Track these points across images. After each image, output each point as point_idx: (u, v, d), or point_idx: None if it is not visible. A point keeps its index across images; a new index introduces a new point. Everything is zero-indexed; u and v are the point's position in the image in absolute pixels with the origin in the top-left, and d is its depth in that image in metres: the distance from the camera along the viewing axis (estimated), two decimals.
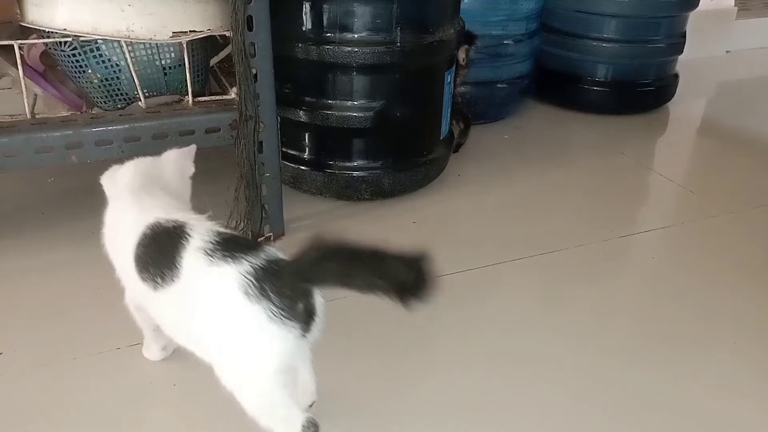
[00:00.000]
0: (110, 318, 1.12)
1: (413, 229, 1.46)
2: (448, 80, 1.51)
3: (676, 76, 2.18)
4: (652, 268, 1.38)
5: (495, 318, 1.18)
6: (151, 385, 1.01)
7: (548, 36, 2.04)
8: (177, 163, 0.99)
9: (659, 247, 1.45)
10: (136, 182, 0.92)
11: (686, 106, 2.24)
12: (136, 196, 0.90)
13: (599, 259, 1.37)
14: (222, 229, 0.83)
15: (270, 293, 0.75)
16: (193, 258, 0.79)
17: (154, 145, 1.20)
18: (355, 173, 1.48)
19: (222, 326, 0.78)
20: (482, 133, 1.89)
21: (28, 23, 1.15)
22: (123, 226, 0.89)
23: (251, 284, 0.75)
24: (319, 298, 0.80)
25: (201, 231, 0.82)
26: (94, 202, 0.95)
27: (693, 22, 2.13)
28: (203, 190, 1.52)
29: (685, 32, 2.11)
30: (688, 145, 2.05)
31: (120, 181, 0.94)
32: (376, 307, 0.83)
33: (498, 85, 1.92)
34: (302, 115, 1.43)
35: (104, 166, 0.98)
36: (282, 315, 0.75)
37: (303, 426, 0.79)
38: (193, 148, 1.03)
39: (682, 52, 2.13)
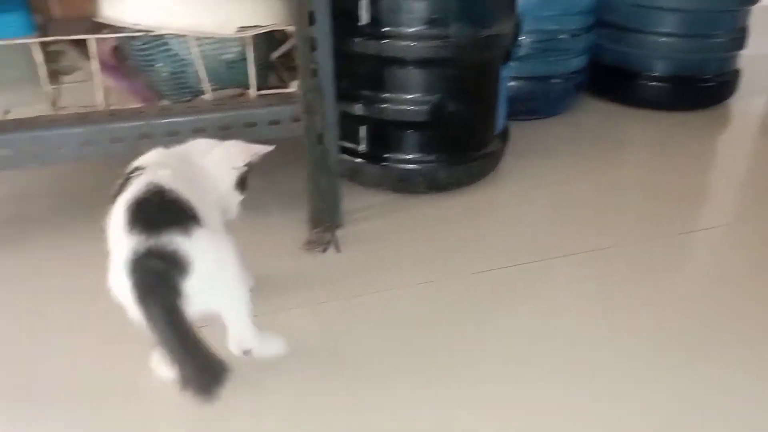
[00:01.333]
0: None
1: (468, 222, 1.46)
2: (504, 75, 1.51)
3: (738, 72, 2.12)
4: (708, 267, 1.34)
5: (543, 314, 1.18)
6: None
7: (604, 31, 2.01)
8: (228, 150, 1.05)
9: (717, 246, 1.41)
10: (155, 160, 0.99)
11: (748, 103, 2.17)
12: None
13: (653, 257, 1.35)
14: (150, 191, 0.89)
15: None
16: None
17: (219, 136, 1.23)
18: (410, 166, 1.50)
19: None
20: (536, 128, 1.88)
21: (102, 19, 1.21)
22: None
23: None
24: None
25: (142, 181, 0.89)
26: None
27: (756, 16, 2.07)
28: (265, 181, 1.58)
29: (747, 27, 2.05)
30: (749, 143, 1.98)
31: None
32: (417, 301, 0.85)
33: (552, 81, 1.90)
34: (359, 109, 1.45)
35: None
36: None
37: None
38: (262, 148, 1.08)
39: (743, 47, 2.07)
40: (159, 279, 0.83)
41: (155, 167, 0.93)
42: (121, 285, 0.85)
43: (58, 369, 1.04)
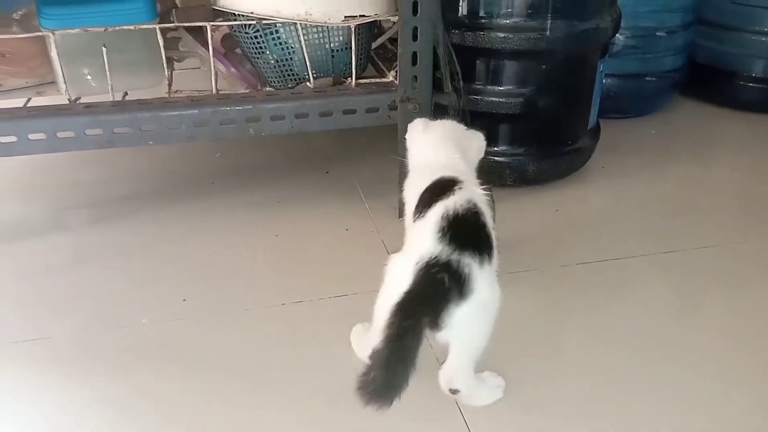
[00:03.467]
0: (276, 278, 1.24)
1: (556, 216, 1.46)
2: (601, 69, 1.50)
3: None
4: None
5: (628, 312, 1.17)
6: (314, 338, 1.10)
7: (702, 29, 1.95)
8: (475, 142, 1.12)
9: None
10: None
11: None
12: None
13: (741, 262, 1.31)
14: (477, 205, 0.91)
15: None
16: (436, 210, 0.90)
17: (320, 122, 1.30)
18: (499, 158, 1.51)
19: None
20: (629, 127, 1.85)
21: (219, 7, 1.28)
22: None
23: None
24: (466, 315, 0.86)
25: (463, 195, 0.91)
26: (258, 177, 1.04)
27: None
28: (351, 170, 1.63)
29: None
30: None
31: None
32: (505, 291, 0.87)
33: (647, 79, 1.86)
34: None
35: (258, 147, 1.06)
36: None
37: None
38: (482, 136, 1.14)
39: None
40: (437, 294, 0.84)
41: (469, 183, 0.96)
42: (399, 272, 0.87)
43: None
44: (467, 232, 0.88)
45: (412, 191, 0.99)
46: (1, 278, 1.26)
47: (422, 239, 0.88)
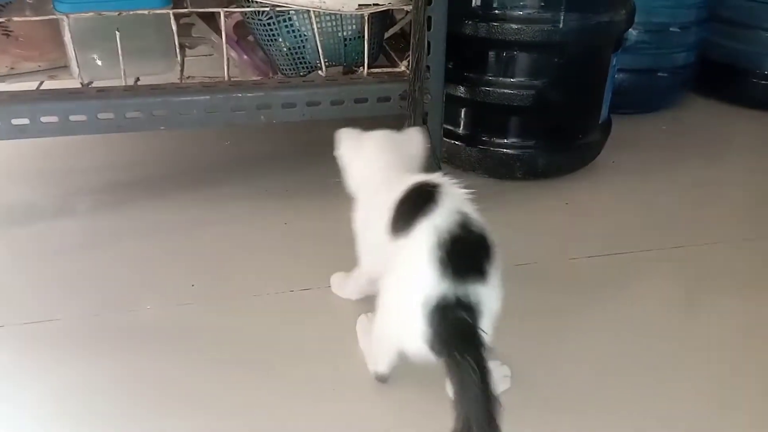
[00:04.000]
0: (283, 265, 1.25)
1: (565, 210, 1.46)
2: (614, 63, 1.49)
3: None
4: None
5: (635, 307, 1.17)
6: (321, 325, 1.10)
7: (715, 26, 1.94)
8: (413, 143, 1.06)
9: None
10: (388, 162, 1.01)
11: None
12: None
13: (750, 259, 1.31)
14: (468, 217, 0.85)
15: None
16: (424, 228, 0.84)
17: (331, 110, 1.30)
18: (509, 151, 1.51)
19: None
20: (640, 122, 1.84)
21: None
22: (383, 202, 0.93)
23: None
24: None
25: (448, 206, 0.85)
26: (267, 165, 1.04)
27: None
28: None
29: None
30: None
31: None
32: (516, 282, 0.87)
33: (658, 74, 1.86)
34: (462, 91, 1.47)
35: (268, 136, 1.05)
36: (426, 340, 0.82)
37: (376, 372, 0.95)
38: (423, 133, 1.09)
39: None
40: (467, 331, 0.80)
41: (449, 184, 0.89)
42: (411, 326, 0.82)
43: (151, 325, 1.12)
44: (468, 256, 0.83)
45: (377, 208, 0.93)
46: (12, 261, 1.27)
47: (417, 268, 0.82)
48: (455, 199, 0.86)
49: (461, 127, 1.54)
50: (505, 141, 1.51)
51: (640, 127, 1.82)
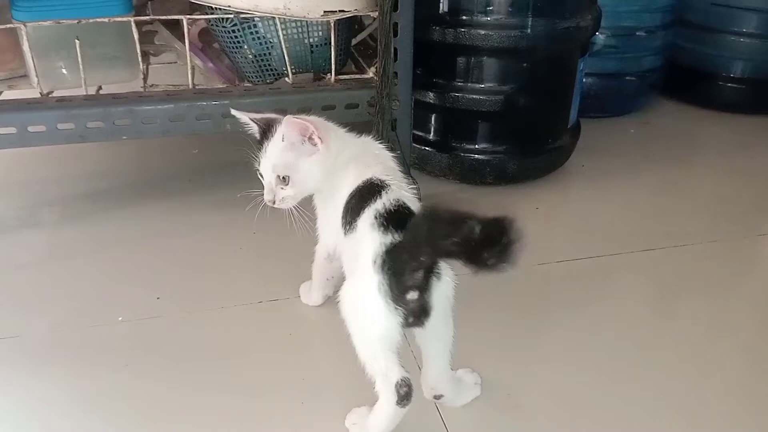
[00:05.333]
0: (252, 276, 1.23)
1: (535, 215, 1.46)
2: (581, 67, 1.50)
3: None
4: None
5: (607, 310, 1.17)
6: (289, 336, 1.09)
7: (682, 30, 1.96)
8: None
9: None
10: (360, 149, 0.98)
11: None
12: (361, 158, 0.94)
13: (719, 260, 1.32)
14: (407, 203, 0.86)
15: (389, 271, 0.80)
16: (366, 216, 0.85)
17: None
18: (479, 156, 1.50)
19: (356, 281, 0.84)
20: (608, 126, 1.85)
21: (196, 0, 1.26)
22: (346, 180, 0.92)
23: (381, 257, 0.81)
24: (443, 296, 0.83)
25: (390, 196, 0.86)
26: (236, 173, 1.03)
27: None
28: None
29: None
30: None
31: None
32: (482, 288, 0.85)
33: (626, 78, 1.88)
34: (432, 97, 1.47)
35: (237, 144, 1.04)
36: (390, 297, 0.80)
37: (397, 383, 0.84)
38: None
39: None
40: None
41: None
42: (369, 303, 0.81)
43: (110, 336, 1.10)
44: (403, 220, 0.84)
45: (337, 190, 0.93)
46: None
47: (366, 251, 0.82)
48: (398, 193, 0.87)
49: (431, 133, 1.54)
50: (476, 146, 1.51)
51: (609, 130, 1.84)
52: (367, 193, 0.87)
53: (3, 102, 1.24)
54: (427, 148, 1.54)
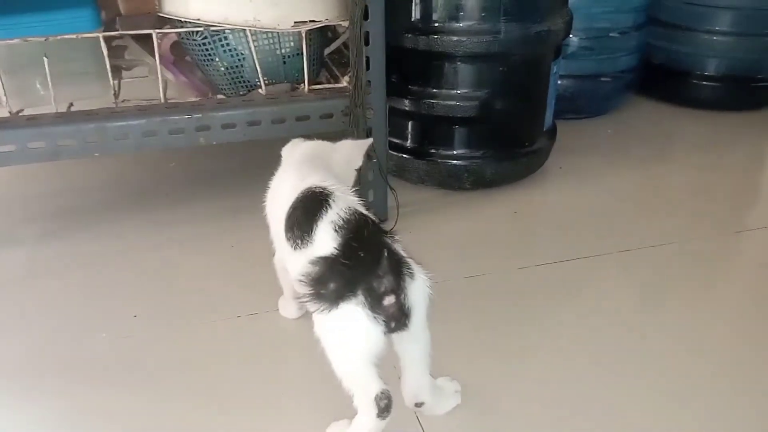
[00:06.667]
0: (230, 290, 1.22)
1: (514, 218, 1.47)
2: (554, 70, 1.51)
3: None
4: (756, 271, 1.31)
5: (589, 311, 1.18)
6: (268, 350, 1.08)
7: (655, 29, 1.98)
8: (348, 151, 1.05)
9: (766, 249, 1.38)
10: (305, 156, 0.99)
11: None
12: (299, 166, 0.97)
13: (698, 258, 1.33)
14: (359, 208, 0.87)
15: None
16: (324, 229, 0.84)
17: (273, 129, 1.28)
18: (457, 162, 1.50)
19: None
20: (585, 127, 1.87)
21: (165, 14, 1.25)
22: (281, 191, 0.95)
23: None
24: (420, 296, 0.83)
25: (340, 204, 0.86)
26: (213, 186, 1.02)
27: None
28: None
29: None
30: None
31: (294, 154, 1.02)
32: (464, 294, 0.84)
33: (602, 79, 1.89)
34: (407, 104, 1.47)
35: (214, 156, 1.03)
36: (367, 307, 0.79)
37: (376, 396, 0.83)
38: (367, 142, 1.10)
39: None
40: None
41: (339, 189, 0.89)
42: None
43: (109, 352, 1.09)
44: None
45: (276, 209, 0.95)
46: None
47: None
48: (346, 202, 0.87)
49: (408, 140, 1.54)
50: (453, 152, 1.51)
51: (586, 131, 1.85)
52: (311, 204, 0.86)
53: None
54: (404, 156, 1.53)
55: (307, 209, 0.87)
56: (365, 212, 0.87)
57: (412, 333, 0.84)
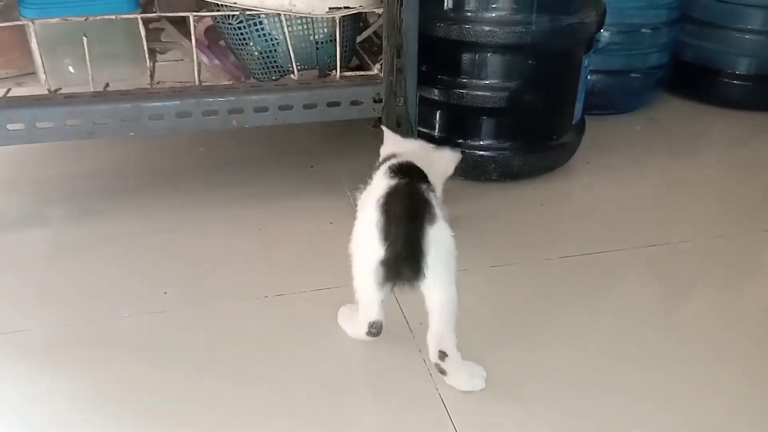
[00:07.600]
0: (257, 271, 1.24)
1: (540, 210, 1.46)
2: (585, 64, 1.50)
3: None
4: None
5: (612, 305, 1.17)
6: (295, 331, 1.09)
7: (687, 26, 1.96)
8: (447, 161, 1.16)
9: None
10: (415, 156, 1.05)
11: None
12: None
13: (723, 257, 1.32)
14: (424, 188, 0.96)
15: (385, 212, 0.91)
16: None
17: (304, 114, 1.29)
18: (484, 153, 1.51)
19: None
20: (614, 123, 1.85)
21: None
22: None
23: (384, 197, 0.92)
24: (438, 240, 0.91)
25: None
26: (241, 171, 1.04)
27: None
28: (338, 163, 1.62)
29: None
30: None
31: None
32: (490, 284, 0.86)
33: (631, 75, 1.87)
34: (436, 94, 1.47)
35: (242, 141, 1.05)
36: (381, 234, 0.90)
37: (370, 322, 0.99)
38: (458, 156, 1.19)
39: None
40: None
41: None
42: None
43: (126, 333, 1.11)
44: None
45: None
46: None
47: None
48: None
49: (436, 130, 1.54)
50: (480, 143, 1.51)
51: (614, 127, 1.84)
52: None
53: (11, 99, 1.25)
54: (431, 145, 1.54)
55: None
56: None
57: (436, 279, 0.91)
